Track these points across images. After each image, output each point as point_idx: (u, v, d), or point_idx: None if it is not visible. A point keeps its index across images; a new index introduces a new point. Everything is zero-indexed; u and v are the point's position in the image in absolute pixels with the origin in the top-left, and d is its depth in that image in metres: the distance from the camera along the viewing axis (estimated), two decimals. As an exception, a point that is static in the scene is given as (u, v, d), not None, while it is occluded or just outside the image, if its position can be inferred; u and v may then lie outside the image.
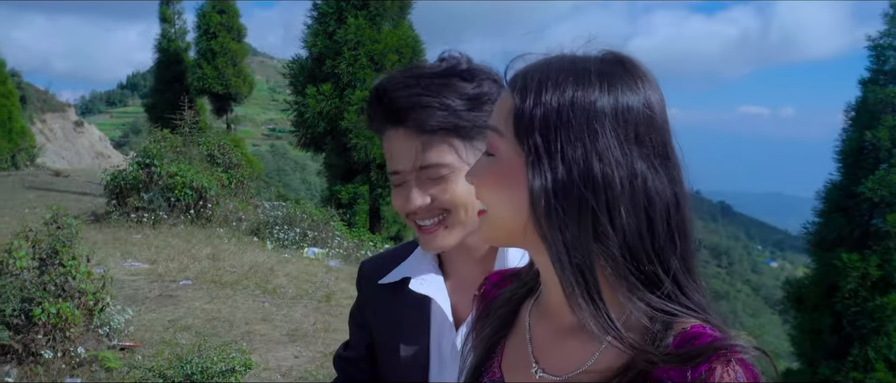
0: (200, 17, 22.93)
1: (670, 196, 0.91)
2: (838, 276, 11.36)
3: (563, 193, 0.88)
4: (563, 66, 0.93)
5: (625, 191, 0.88)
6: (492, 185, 0.96)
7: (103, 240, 8.98)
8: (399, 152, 1.26)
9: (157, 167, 10.09)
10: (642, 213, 0.89)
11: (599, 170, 0.88)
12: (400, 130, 1.24)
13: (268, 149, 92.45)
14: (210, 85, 22.58)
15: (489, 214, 0.98)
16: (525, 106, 0.91)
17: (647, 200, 0.89)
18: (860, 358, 10.98)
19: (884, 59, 12.13)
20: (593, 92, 0.90)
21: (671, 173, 0.91)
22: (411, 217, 1.30)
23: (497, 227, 0.98)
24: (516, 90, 0.93)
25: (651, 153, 0.90)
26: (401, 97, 1.23)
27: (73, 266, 5.01)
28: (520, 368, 1.03)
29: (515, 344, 1.06)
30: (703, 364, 0.84)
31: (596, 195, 0.88)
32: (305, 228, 10.62)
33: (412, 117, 1.22)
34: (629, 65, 0.94)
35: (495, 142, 0.96)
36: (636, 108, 0.91)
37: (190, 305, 6.60)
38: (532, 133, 0.90)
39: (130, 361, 5.04)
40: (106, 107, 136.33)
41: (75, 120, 34.57)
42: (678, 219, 0.91)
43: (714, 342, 0.85)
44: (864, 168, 11.79)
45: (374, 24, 15.54)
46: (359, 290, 1.52)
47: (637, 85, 0.92)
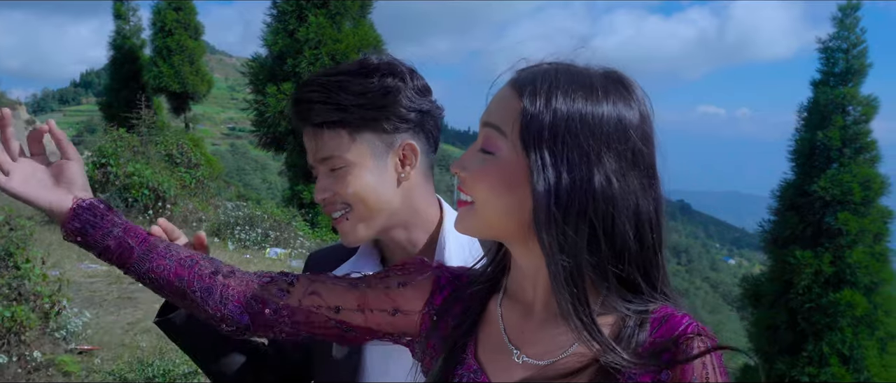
0: (156, 14, 22.54)
1: (653, 213, 0.96)
2: (793, 273, 11.63)
3: (566, 201, 0.92)
4: (571, 76, 0.96)
5: (619, 206, 0.93)
6: (488, 183, 0.98)
7: (58, 241, 8.77)
8: (306, 145, 1.34)
9: (113, 167, 9.91)
10: (632, 227, 0.94)
11: (599, 183, 0.92)
12: (305, 126, 1.32)
13: (228, 149, 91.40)
14: (167, 83, 22.21)
15: (477, 209, 1.00)
16: (535, 111, 0.94)
17: (637, 216, 0.94)
18: (815, 354, 11.25)
19: (833, 61, 12.44)
20: (600, 106, 0.94)
21: (656, 192, 0.97)
22: (325, 209, 1.36)
23: (483, 222, 1.01)
24: (526, 93, 0.95)
25: (643, 172, 0.95)
26: (303, 95, 1.31)
27: (28, 268, 4.91)
28: (499, 357, 1.05)
29: (489, 336, 1.08)
30: (688, 342, 0.93)
31: (595, 206, 0.92)
32: (267, 228, 10.53)
33: (307, 113, 1.30)
34: (628, 83, 0.98)
35: (496, 141, 0.98)
36: (634, 126, 0.95)
37: (150, 307, 6.50)
38: (541, 139, 0.93)
39: (89, 365, 4.95)
40: (59, 106, 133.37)
41: (27, 118, 33.63)
42: (659, 234, 0.96)
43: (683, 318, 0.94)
44: (816, 167, 12.09)
45: (334, 23, 15.47)
46: None
47: (634, 104, 0.97)
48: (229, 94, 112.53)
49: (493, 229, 1.01)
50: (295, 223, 11.45)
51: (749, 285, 13.09)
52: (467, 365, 1.07)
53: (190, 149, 12.45)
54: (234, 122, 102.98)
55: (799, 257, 11.55)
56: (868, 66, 12.33)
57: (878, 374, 11.13)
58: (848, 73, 12.25)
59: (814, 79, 12.68)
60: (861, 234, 11.49)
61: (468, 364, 1.07)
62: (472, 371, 1.06)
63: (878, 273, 11.46)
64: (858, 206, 11.60)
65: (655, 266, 0.97)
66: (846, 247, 11.49)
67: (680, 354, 0.93)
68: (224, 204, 12.67)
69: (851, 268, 11.36)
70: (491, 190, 0.98)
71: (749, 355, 1.07)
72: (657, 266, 0.97)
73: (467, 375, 1.06)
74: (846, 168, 11.81)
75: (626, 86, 0.98)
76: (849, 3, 12.39)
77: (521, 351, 1.03)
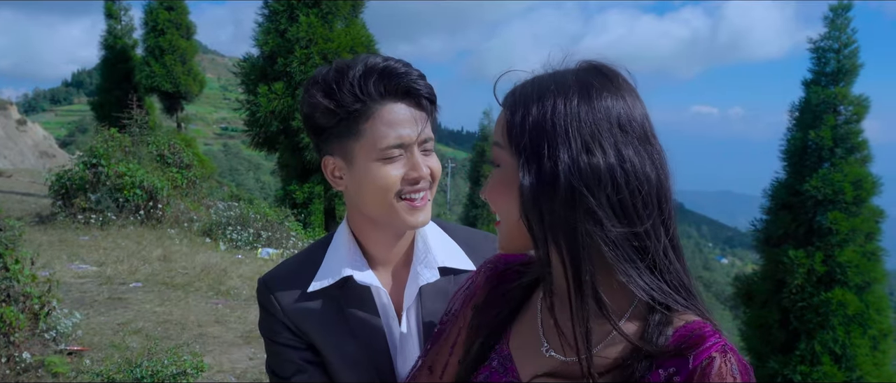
0: (148, 14, 22.46)
1: (654, 177, 1.01)
2: (785, 272, 11.67)
3: (551, 188, 0.99)
4: (545, 80, 1.05)
5: (615, 175, 0.98)
6: (498, 191, 1.08)
7: (49, 242, 8.74)
8: (405, 123, 1.34)
9: (105, 167, 9.85)
10: (634, 193, 0.99)
11: (587, 161, 0.97)
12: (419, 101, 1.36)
13: (220, 149, 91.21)
14: (159, 83, 22.14)
15: (502, 224, 1.09)
16: (515, 118, 1.03)
17: (636, 181, 0.99)
18: (807, 352, 11.29)
19: (825, 61, 12.49)
20: (574, 98, 1.01)
21: (653, 156, 1.02)
22: (419, 187, 1.37)
23: (507, 235, 1.09)
24: (508, 106, 1.06)
25: (635, 139, 1.00)
26: (412, 70, 1.36)
27: (17, 269, 4.87)
28: (529, 347, 1.14)
29: (525, 326, 1.17)
30: (703, 354, 0.96)
31: (588, 185, 0.98)
32: (259, 228, 10.50)
33: (427, 89, 1.36)
34: (604, 69, 1.05)
35: (498, 154, 1.07)
36: (615, 105, 1.01)
37: (140, 308, 6.47)
38: (522, 139, 1.01)
39: (78, 366, 4.91)
40: (50, 106, 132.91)
41: (18, 118, 33.54)
42: (663, 198, 1.02)
43: (713, 336, 0.97)
44: (808, 166, 12.13)
45: (326, 23, 15.43)
46: (274, 308, 1.46)
47: (613, 85, 1.03)
48: (222, 93, 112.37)
49: (517, 239, 1.09)
50: (287, 223, 11.42)
51: (741, 284, 13.12)
52: (500, 350, 1.17)
53: (181, 148, 12.39)
54: (227, 122, 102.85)
55: (791, 256, 11.58)
56: (859, 65, 12.38)
57: (869, 372, 11.18)
58: (839, 72, 12.30)
59: (805, 78, 12.73)
60: (852, 234, 11.53)
61: (501, 349, 1.17)
62: (503, 356, 1.15)
63: (870, 272, 11.50)
64: (849, 206, 11.65)
65: (665, 231, 1.01)
66: (837, 246, 11.54)
67: (695, 369, 0.95)
68: (216, 204, 12.62)
69: (843, 267, 11.40)
70: (501, 197, 1.07)
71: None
72: (666, 231, 1.01)
73: (498, 359, 1.15)
74: (837, 167, 11.86)
75: (602, 71, 1.05)
76: (840, 4, 12.44)
77: (550, 345, 1.10)
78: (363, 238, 1.47)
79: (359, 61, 1.35)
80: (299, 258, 1.53)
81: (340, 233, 1.49)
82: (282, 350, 1.46)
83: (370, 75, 1.32)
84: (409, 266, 1.48)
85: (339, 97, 1.32)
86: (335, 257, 1.46)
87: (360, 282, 1.42)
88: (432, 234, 1.50)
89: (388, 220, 1.40)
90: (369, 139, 1.33)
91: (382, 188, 1.34)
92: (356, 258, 1.45)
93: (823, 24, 12.60)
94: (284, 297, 1.45)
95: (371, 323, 1.43)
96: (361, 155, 1.35)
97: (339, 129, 1.35)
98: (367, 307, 1.44)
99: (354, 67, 1.33)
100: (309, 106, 1.38)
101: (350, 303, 1.43)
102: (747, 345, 12.56)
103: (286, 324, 1.45)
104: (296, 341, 1.45)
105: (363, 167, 1.35)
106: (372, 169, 1.34)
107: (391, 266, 1.48)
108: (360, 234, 1.47)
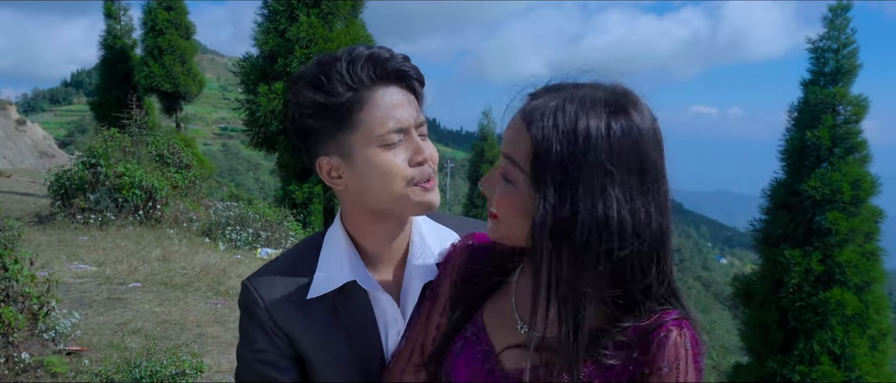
0: (147, 14, 22.41)
1: (658, 228, 1.08)
2: (783, 272, 11.66)
3: (566, 231, 1.04)
4: (574, 109, 1.05)
5: (625, 229, 1.04)
6: (509, 208, 1.12)
7: (48, 242, 8.74)
8: (400, 106, 1.33)
9: (104, 167, 9.84)
10: (636, 244, 1.06)
11: (603, 212, 1.03)
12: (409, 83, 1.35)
13: (220, 149, 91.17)
14: (158, 83, 22.11)
15: (502, 223, 1.15)
16: (542, 148, 1.05)
17: (641, 234, 1.06)
18: (805, 352, 11.29)
19: (823, 61, 12.47)
20: (602, 139, 1.03)
21: (662, 205, 1.08)
22: (425, 172, 1.35)
23: (507, 237, 1.16)
24: (533, 128, 1.06)
25: (650, 188, 1.06)
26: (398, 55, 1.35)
27: (16, 269, 4.86)
28: (504, 323, 1.21)
29: (500, 304, 1.25)
30: (662, 329, 1.08)
31: (599, 235, 1.04)
32: (258, 229, 10.49)
33: (416, 72, 1.36)
34: (634, 101, 1.08)
35: (513, 172, 1.11)
36: (641, 150, 1.06)
37: (139, 308, 6.47)
38: (545, 176, 1.05)
39: (77, 366, 4.91)
40: (50, 106, 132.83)
41: (17, 118, 33.51)
42: (665, 248, 1.10)
43: (672, 314, 1.09)
44: (806, 166, 12.12)
45: (325, 23, 15.41)
46: (260, 311, 1.39)
47: (642, 124, 1.07)
48: (221, 93, 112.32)
49: (515, 240, 1.15)
50: (286, 223, 11.40)
51: (740, 284, 13.11)
52: (474, 321, 1.25)
53: (181, 148, 12.39)
54: (226, 122, 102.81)
55: (789, 256, 11.58)
56: (858, 66, 12.37)
57: (868, 372, 11.18)
58: (838, 73, 12.29)
59: (804, 79, 12.72)
60: (851, 234, 11.53)
61: (475, 321, 1.25)
62: (477, 327, 1.24)
63: (869, 272, 11.50)
64: (848, 206, 11.64)
65: (661, 278, 1.10)
66: (836, 246, 11.53)
67: (653, 340, 1.08)
68: (215, 204, 12.61)
69: (842, 267, 11.39)
70: (513, 214, 1.11)
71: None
72: (663, 277, 1.10)
73: (472, 329, 1.23)
74: (836, 167, 11.85)
75: (633, 104, 1.08)
76: (839, 4, 12.43)
77: (524, 321, 1.18)
78: (361, 235, 1.42)
79: (342, 53, 1.32)
80: (288, 260, 1.46)
81: (334, 234, 1.44)
82: (266, 369, 1.39)
83: (357, 62, 1.30)
84: (405, 261, 1.44)
85: (328, 88, 1.29)
86: (333, 260, 1.41)
87: (365, 287, 1.38)
88: (427, 227, 1.46)
89: (399, 209, 1.36)
90: (366, 128, 1.30)
91: (388, 175, 1.31)
92: (356, 261, 1.40)
93: (822, 25, 12.59)
94: (273, 301, 1.39)
95: (368, 326, 1.39)
96: (359, 146, 1.31)
97: (331, 126, 1.31)
98: (365, 312, 1.39)
99: (340, 58, 1.31)
100: (296, 106, 1.33)
101: (347, 309, 1.39)
102: (746, 345, 12.57)
103: (269, 331, 1.38)
104: (275, 353, 1.38)
105: (363, 158, 1.31)
106: (373, 157, 1.30)
107: (388, 262, 1.44)
108: (357, 232, 1.42)
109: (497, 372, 1.17)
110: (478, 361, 1.20)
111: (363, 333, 1.39)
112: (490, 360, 1.19)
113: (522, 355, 1.15)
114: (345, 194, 1.40)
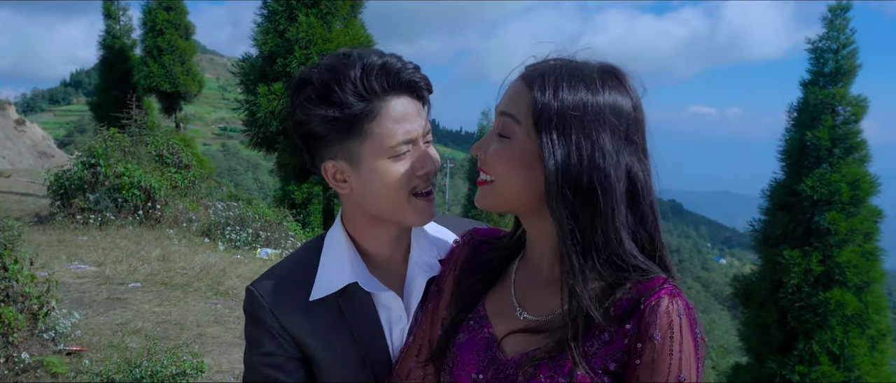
0: (146, 14, 22.42)
1: (645, 180, 1.14)
2: (783, 272, 11.66)
3: (575, 176, 1.09)
4: (573, 70, 1.13)
5: (619, 180, 1.10)
6: (506, 163, 1.15)
7: (47, 242, 8.73)
8: (409, 117, 1.34)
9: (103, 167, 9.84)
10: (629, 196, 1.12)
11: (600, 161, 1.09)
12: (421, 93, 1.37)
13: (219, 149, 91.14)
14: (158, 83, 22.10)
15: (497, 185, 1.17)
16: (545, 100, 1.10)
17: (633, 187, 1.12)
18: (805, 352, 11.28)
19: (823, 61, 12.47)
20: (600, 96, 1.11)
21: (647, 166, 1.15)
22: (432, 179, 1.38)
23: (501, 197, 1.18)
24: (535, 86, 1.12)
25: (637, 148, 1.14)
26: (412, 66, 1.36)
27: (16, 269, 4.86)
28: (505, 312, 1.25)
29: (500, 294, 1.28)
30: (653, 297, 1.10)
31: (598, 176, 1.09)
32: (258, 229, 10.48)
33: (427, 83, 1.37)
34: (621, 75, 1.16)
35: (511, 127, 1.14)
36: (628, 111, 1.13)
37: (139, 308, 6.47)
38: (550, 124, 1.10)
39: (77, 366, 4.91)
40: (49, 106, 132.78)
41: (16, 118, 33.46)
42: (652, 200, 1.15)
43: (665, 283, 1.11)
44: (805, 167, 12.11)
45: (325, 23, 15.42)
46: (266, 316, 1.39)
47: (628, 92, 1.14)
48: (220, 93, 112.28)
49: (510, 204, 1.18)
50: (286, 223, 11.40)
51: (740, 284, 13.11)
52: (476, 311, 1.28)
53: (180, 149, 12.38)
54: (226, 122, 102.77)
55: (788, 256, 11.58)
56: (857, 66, 12.36)
57: (868, 372, 11.18)
58: (837, 73, 12.28)
59: (803, 79, 12.71)
60: (851, 234, 11.53)
61: (477, 311, 1.28)
62: (479, 316, 1.27)
63: (869, 272, 11.49)
64: (847, 206, 11.63)
65: (653, 228, 1.15)
66: (836, 246, 11.53)
67: (645, 309, 1.09)
68: (215, 204, 12.61)
69: (841, 267, 11.39)
70: (509, 168, 1.14)
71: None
72: (649, 230, 1.15)
73: (475, 319, 1.27)
74: (835, 168, 11.85)
75: (620, 77, 1.15)
76: (839, 4, 12.43)
77: (523, 309, 1.22)
78: (362, 238, 1.44)
79: (354, 60, 1.31)
80: (290, 264, 1.48)
81: (335, 236, 1.45)
82: (263, 369, 1.40)
83: (370, 72, 1.29)
84: (406, 261, 1.45)
85: (340, 98, 1.29)
86: (334, 262, 1.41)
87: (367, 290, 1.39)
88: (428, 225, 1.47)
89: (397, 218, 1.37)
90: (376, 139, 1.30)
91: (394, 186, 1.32)
92: (357, 262, 1.41)
93: (822, 25, 12.59)
94: (278, 305, 1.40)
95: (373, 326, 1.40)
96: (368, 155, 1.31)
97: (340, 133, 1.31)
98: (369, 311, 1.40)
99: (353, 66, 1.30)
100: (304, 112, 1.32)
101: (351, 309, 1.39)
102: (746, 345, 12.56)
103: (275, 334, 1.39)
104: (283, 356, 1.39)
105: (371, 167, 1.32)
106: (381, 168, 1.31)
107: (390, 261, 1.45)
108: (358, 235, 1.44)
109: (500, 358, 1.20)
110: (481, 349, 1.23)
111: (368, 332, 1.40)
112: (492, 347, 1.22)
113: (523, 340, 1.19)
114: (349, 197, 1.40)
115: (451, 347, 1.26)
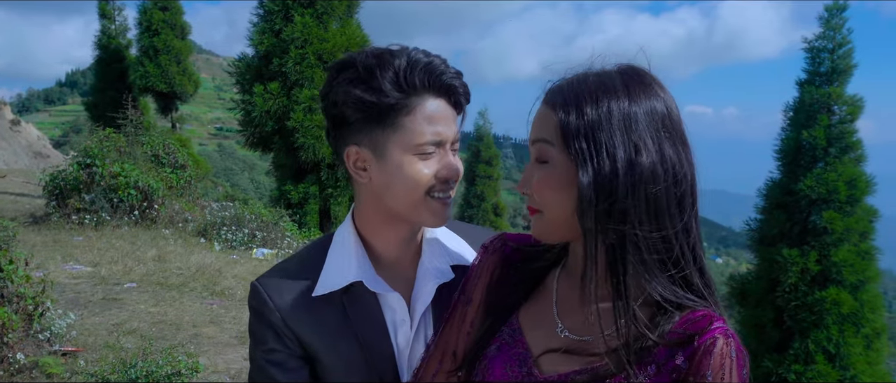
0: (142, 14, 22.38)
1: (690, 176, 1.11)
2: (779, 272, 11.68)
3: (608, 186, 1.06)
4: (592, 82, 1.12)
5: (658, 173, 1.07)
6: (548, 187, 1.13)
7: (43, 242, 8.71)
8: (444, 122, 1.33)
9: (99, 167, 9.82)
10: (670, 190, 1.09)
11: (635, 158, 1.06)
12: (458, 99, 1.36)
13: (215, 149, 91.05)
14: (153, 83, 22.07)
15: (546, 216, 1.15)
16: (570, 119, 1.09)
17: (675, 178, 1.09)
18: (801, 351, 11.30)
19: (819, 60, 12.49)
20: (622, 100, 1.09)
21: (689, 156, 1.12)
22: (453, 184, 1.37)
23: (552, 226, 1.15)
24: (559, 106, 1.12)
25: (675, 139, 1.11)
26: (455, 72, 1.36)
27: (11, 270, 4.85)
28: (542, 326, 1.21)
29: (537, 307, 1.25)
30: (708, 335, 1.07)
31: (636, 181, 1.06)
32: (254, 229, 10.47)
33: (466, 91, 1.37)
34: (643, 73, 1.14)
35: (546, 151, 1.13)
36: (658, 107, 1.11)
37: (135, 308, 6.45)
38: (578, 139, 1.08)
39: (73, 367, 4.90)
40: (44, 106, 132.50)
41: (11, 118, 33.38)
42: (695, 195, 1.12)
43: (719, 321, 1.08)
44: (802, 166, 12.14)
45: (321, 23, 15.39)
46: (270, 312, 1.40)
47: (654, 89, 1.12)
48: (216, 93, 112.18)
49: (560, 230, 1.15)
50: (282, 223, 11.38)
51: (736, 283, 13.13)
52: (510, 324, 1.24)
53: (176, 149, 12.36)
54: (222, 122, 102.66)
55: (785, 255, 11.60)
56: (854, 66, 12.39)
57: (863, 371, 11.20)
58: (833, 72, 12.31)
59: (800, 78, 12.74)
60: (847, 233, 11.55)
61: (511, 324, 1.24)
62: (513, 329, 1.23)
63: (864, 271, 11.52)
64: (843, 205, 11.66)
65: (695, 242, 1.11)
66: (832, 245, 11.55)
67: (699, 347, 1.06)
68: (211, 204, 12.59)
69: (837, 266, 11.42)
70: (552, 192, 1.12)
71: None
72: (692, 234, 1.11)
73: (508, 332, 1.23)
74: (831, 167, 11.87)
75: (641, 75, 1.14)
76: (835, 4, 12.45)
77: (565, 326, 1.19)
78: (373, 236, 1.43)
79: (401, 52, 1.31)
80: (296, 260, 1.47)
81: (344, 233, 1.44)
82: (265, 365, 1.40)
83: (415, 67, 1.30)
84: (415, 264, 1.44)
85: (379, 85, 1.28)
86: (340, 259, 1.41)
87: (372, 289, 1.38)
88: (441, 231, 1.47)
89: (412, 217, 1.36)
90: (406, 133, 1.30)
91: (414, 184, 1.32)
92: (364, 261, 1.40)
93: (818, 24, 12.61)
94: (282, 301, 1.39)
95: (377, 327, 1.39)
96: (395, 148, 1.31)
97: (371, 121, 1.31)
98: (373, 311, 1.39)
99: (399, 57, 1.30)
100: (340, 94, 1.31)
101: (355, 308, 1.39)
102: (743, 344, 12.58)
103: (279, 331, 1.39)
104: (286, 353, 1.39)
105: (396, 161, 1.31)
106: (406, 163, 1.31)
107: (399, 263, 1.44)
108: (369, 233, 1.43)
109: (536, 376, 1.17)
110: (515, 364, 1.19)
111: (372, 334, 1.39)
112: (527, 363, 1.18)
113: (562, 359, 1.15)
114: (366, 187, 1.39)
115: (482, 360, 1.24)
